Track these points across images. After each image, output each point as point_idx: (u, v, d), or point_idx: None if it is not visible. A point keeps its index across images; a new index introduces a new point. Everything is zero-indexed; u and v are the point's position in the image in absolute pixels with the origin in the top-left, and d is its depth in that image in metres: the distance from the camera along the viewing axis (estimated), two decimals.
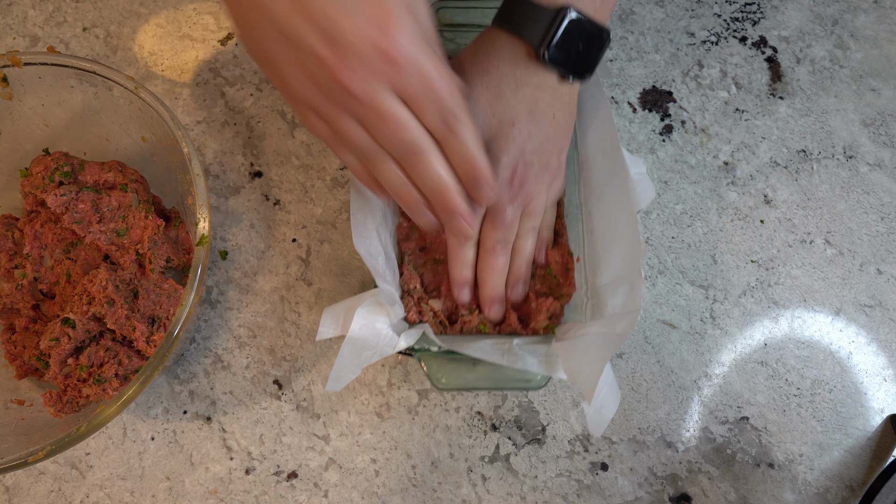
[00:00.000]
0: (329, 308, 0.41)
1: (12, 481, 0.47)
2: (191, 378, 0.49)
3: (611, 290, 0.41)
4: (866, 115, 0.55)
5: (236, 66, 0.55)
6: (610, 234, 0.43)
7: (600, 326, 0.39)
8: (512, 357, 0.39)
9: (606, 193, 0.44)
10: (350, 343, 0.39)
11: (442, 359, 0.42)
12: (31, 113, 0.47)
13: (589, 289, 0.44)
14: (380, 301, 0.40)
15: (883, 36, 0.57)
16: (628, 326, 0.37)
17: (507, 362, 0.39)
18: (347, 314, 0.40)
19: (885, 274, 0.51)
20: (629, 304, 0.39)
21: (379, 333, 0.39)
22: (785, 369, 0.49)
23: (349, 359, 0.39)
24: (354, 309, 0.39)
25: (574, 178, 0.47)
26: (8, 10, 0.56)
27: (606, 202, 0.44)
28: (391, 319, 0.40)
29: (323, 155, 0.53)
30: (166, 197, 0.50)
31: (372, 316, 0.39)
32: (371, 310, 0.40)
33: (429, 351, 0.41)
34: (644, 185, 0.43)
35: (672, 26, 0.57)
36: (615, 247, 0.42)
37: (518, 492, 0.47)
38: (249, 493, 0.47)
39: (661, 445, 0.48)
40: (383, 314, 0.40)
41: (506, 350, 0.40)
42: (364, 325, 0.39)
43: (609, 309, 0.41)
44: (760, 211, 0.53)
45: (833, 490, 0.47)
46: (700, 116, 0.55)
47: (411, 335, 0.40)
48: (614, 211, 0.43)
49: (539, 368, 0.39)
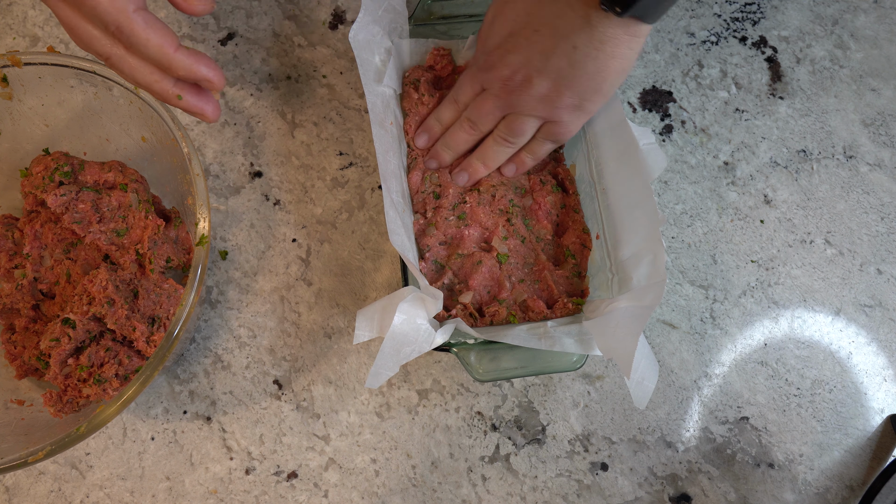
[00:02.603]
0: (362, 311, 0.40)
1: (12, 481, 0.47)
2: (191, 378, 0.49)
3: (634, 262, 0.42)
4: (866, 115, 0.55)
5: (236, 66, 0.55)
6: (627, 208, 0.43)
7: (628, 300, 0.40)
8: (549, 340, 0.40)
9: (619, 168, 0.44)
10: (392, 338, 0.38)
11: (478, 350, 0.43)
12: (31, 113, 0.47)
13: (613, 264, 0.44)
14: (421, 296, 0.40)
15: (883, 36, 0.57)
16: (656, 297, 0.38)
17: (545, 346, 0.40)
18: (383, 314, 0.39)
19: (885, 274, 0.51)
20: (654, 275, 0.40)
21: (419, 329, 0.39)
22: (785, 369, 0.49)
23: (390, 354, 0.39)
24: (390, 307, 0.39)
25: (584, 157, 0.48)
26: (8, 10, 0.56)
27: (619, 177, 0.44)
28: (429, 315, 0.40)
29: (323, 155, 0.53)
30: (166, 197, 0.50)
31: (413, 311, 0.39)
32: (413, 304, 0.39)
33: (465, 344, 0.42)
34: (655, 155, 0.44)
35: (672, 26, 0.57)
36: (633, 220, 0.43)
37: (518, 492, 0.47)
38: (249, 493, 0.47)
39: (661, 445, 0.48)
40: (422, 309, 0.40)
41: (542, 334, 0.40)
42: (405, 321, 0.39)
43: (635, 282, 0.41)
44: (760, 211, 0.53)
45: (833, 490, 0.47)
46: (700, 116, 0.55)
47: (447, 330, 0.40)
48: (628, 184, 0.43)
49: (576, 348, 0.40)
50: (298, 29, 0.56)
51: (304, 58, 0.55)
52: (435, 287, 0.44)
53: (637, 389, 0.38)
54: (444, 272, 0.46)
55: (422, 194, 0.48)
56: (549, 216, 0.48)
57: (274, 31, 0.56)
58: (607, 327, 0.39)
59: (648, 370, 0.38)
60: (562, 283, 0.46)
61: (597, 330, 0.39)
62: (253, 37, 0.56)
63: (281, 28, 0.56)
